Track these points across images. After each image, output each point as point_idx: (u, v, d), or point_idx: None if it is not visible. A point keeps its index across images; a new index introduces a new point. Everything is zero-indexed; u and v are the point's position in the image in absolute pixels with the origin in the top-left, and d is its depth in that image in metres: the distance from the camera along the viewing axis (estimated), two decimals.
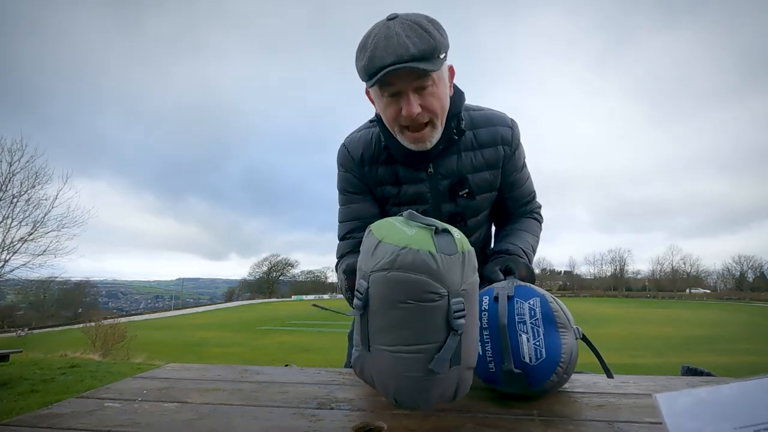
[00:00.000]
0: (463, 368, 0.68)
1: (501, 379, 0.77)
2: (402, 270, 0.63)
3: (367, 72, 0.88)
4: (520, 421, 0.68)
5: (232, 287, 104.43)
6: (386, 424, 0.67)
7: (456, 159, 1.04)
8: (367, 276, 0.67)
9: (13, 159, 12.87)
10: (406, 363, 0.65)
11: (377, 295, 0.66)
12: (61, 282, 26.26)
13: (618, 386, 0.86)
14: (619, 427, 0.65)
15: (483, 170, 1.06)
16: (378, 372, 0.70)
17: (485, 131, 1.06)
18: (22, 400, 4.77)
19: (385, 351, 0.67)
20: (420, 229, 0.67)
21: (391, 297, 0.64)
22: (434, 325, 0.64)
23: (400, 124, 0.95)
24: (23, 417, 0.74)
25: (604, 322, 30.22)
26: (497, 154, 1.06)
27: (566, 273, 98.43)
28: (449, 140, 1.02)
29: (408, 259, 0.63)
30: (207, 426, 0.69)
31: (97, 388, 0.90)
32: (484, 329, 0.79)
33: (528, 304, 0.79)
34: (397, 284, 0.63)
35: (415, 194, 1.06)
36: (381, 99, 0.94)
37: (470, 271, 0.68)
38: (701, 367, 1.29)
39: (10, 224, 12.75)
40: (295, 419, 0.71)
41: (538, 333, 0.77)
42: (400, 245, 0.64)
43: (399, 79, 0.88)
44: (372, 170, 1.08)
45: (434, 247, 0.64)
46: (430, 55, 0.86)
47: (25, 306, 38.90)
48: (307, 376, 0.99)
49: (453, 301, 0.63)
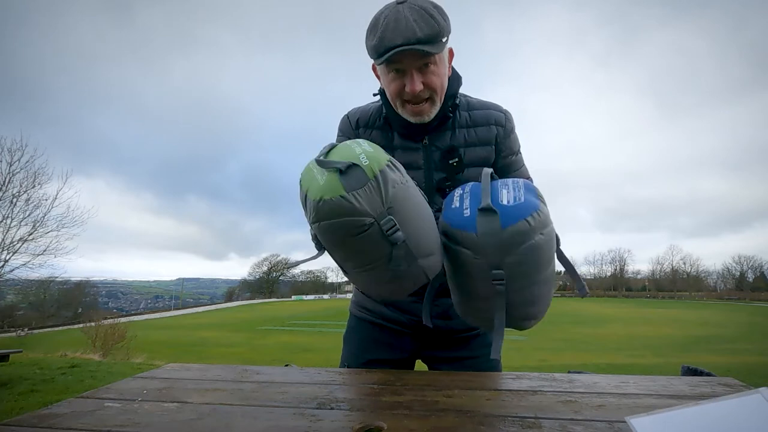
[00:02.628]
0: (421, 258, 0.79)
1: (474, 221, 0.78)
2: (326, 219, 0.72)
3: (377, 51, 0.96)
4: (520, 421, 0.68)
5: (232, 287, 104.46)
6: (386, 424, 0.67)
7: (450, 134, 1.12)
8: (310, 225, 0.78)
9: (12, 159, 12.87)
10: (374, 275, 0.79)
11: (324, 240, 0.77)
12: (61, 282, 26.26)
13: (618, 386, 0.86)
14: (619, 427, 0.65)
15: (476, 146, 1.12)
16: (362, 286, 0.88)
17: (479, 113, 1.14)
18: (22, 400, 4.77)
19: (357, 273, 0.82)
20: (329, 173, 0.73)
21: (332, 239, 0.75)
22: (375, 246, 0.74)
23: (402, 98, 1.03)
24: (23, 417, 0.74)
25: (604, 322, 30.20)
26: (490, 132, 1.12)
27: (566, 273, 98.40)
28: (444, 116, 1.10)
29: (326, 209, 0.71)
30: (207, 426, 0.69)
31: (97, 388, 0.90)
32: (463, 195, 0.84)
33: (511, 179, 0.84)
34: (329, 231, 0.73)
35: (408, 161, 1.10)
36: (387, 75, 1.02)
37: (389, 187, 0.74)
38: (701, 367, 1.29)
39: (9, 224, 12.75)
40: (295, 419, 0.71)
41: (518, 188, 0.80)
42: (316, 198, 0.72)
43: (405, 59, 0.96)
44: (366, 132, 1.16)
45: (343, 189, 0.71)
46: (434, 39, 0.94)
47: (25, 306, 38.88)
48: (307, 376, 0.99)
49: (381, 222, 0.72)
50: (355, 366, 1.20)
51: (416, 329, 1.18)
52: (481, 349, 1.18)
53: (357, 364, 1.20)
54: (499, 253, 0.77)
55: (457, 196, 0.87)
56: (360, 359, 1.20)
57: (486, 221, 0.77)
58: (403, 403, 0.78)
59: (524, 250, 0.76)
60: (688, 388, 0.86)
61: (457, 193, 0.88)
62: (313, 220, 0.74)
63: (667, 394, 0.81)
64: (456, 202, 0.85)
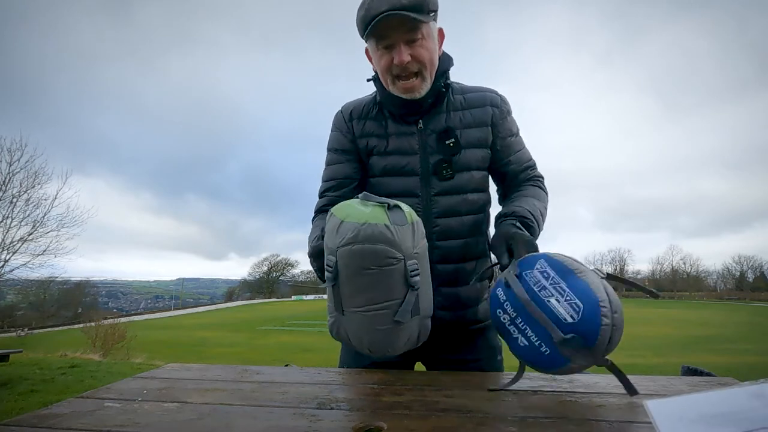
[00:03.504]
0: (422, 317, 0.83)
1: (560, 355, 0.73)
2: (364, 242, 0.74)
3: (364, 21, 0.99)
4: (520, 421, 0.68)
5: (232, 287, 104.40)
6: (386, 424, 0.67)
7: (445, 116, 1.11)
8: (335, 251, 0.77)
9: (12, 159, 12.87)
10: (376, 319, 0.78)
11: (345, 266, 0.76)
12: (61, 282, 26.24)
13: (618, 386, 0.86)
14: (619, 427, 0.65)
15: (472, 127, 1.12)
16: (352, 330, 0.81)
17: (474, 95, 1.14)
18: (22, 400, 4.77)
19: (357, 312, 0.79)
20: (375, 207, 0.79)
21: (357, 266, 0.75)
22: (395, 284, 0.76)
23: (392, 74, 1.04)
24: (23, 417, 0.74)
25: None
26: (485, 113, 1.12)
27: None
28: (438, 94, 1.09)
29: (368, 232, 0.74)
30: (207, 426, 0.69)
31: (97, 388, 0.90)
32: (515, 319, 0.79)
33: (536, 270, 0.78)
34: (361, 254, 0.74)
35: (402, 146, 1.12)
36: (376, 52, 1.05)
37: (419, 237, 0.81)
38: (701, 367, 1.29)
39: (9, 224, 12.75)
40: (295, 419, 0.71)
41: (562, 289, 0.74)
42: (360, 222, 0.75)
43: (392, 31, 0.99)
44: (359, 123, 1.17)
45: (388, 220, 0.76)
46: (420, 8, 0.97)
47: (25, 306, 38.85)
48: (307, 376, 0.98)
49: (408, 263, 0.76)
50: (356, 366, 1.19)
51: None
52: (486, 350, 1.16)
53: (355, 366, 1.18)
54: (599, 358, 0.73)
55: (506, 322, 0.81)
56: (359, 362, 1.17)
57: (571, 349, 0.71)
58: (403, 403, 0.78)
59: (612, 338, 0.72)
60: (688, 388, 0.86)
61: (503, 318, 0.82)
62: (348, 241, 0.75)
63: (667, 395, 0.81)
64: (516, 333, 0.79)
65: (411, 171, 1.10)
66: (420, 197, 1.09)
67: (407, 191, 1.10)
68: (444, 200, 1.09)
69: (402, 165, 1.11)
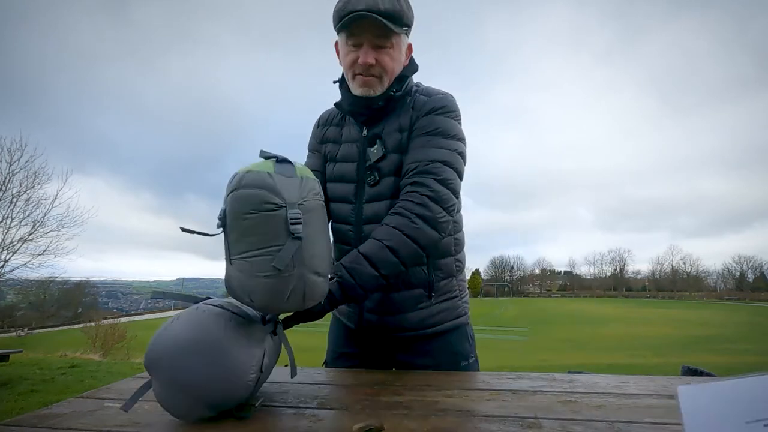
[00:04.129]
0: (308, 271, 0.79)
1: None
2: (244, 188, 0.75)
3: (340, 14, 1.02)
4: (520, 421, 0.68)
5: None
6: (386, 424, 0.67)
7: (384, 124, 1.12)
8: (225, 200, 0.79)
9: (12, 159, 12.86)
10: (257, 265, 0.76)
11: (229, 213, 0.77)
12: (61, 282, 26.19)
13: (618, 386, 0.86)
14: (619, 427, 0.65)
15: (396, 132, 1.10)
16: (238, 280, 0.79)
17: (417, 98, 1.13)
18: (22, 400, 4.77)
19: (241, 259, 0.78)
20: (265, 159, 0.82)
21: (239, 211, 0.76)
22: (276, 231, 0.76)
23: (354, 71, 1.07)
24: (23, 417, 0.74)
25: (604, 322, 30.20)
26: (407, 116, 1.11)
27: (566, 273, 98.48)
28: (389, 98, 1.10)
29: (249, 178, 0.76)
30: (207, 426, 0.69)
31: (97, 388, 0.90)
32: None
33: None
34: (242, 199, 0.75)
35: (347, 154, 1.16)
36: (345, 47, 1.08)
37: (308, 192, 0.81)
38: (701, 367, 1.29)
39: (9, 224, 12.72)
40: (295, 419, 0.71)
41: None
42: (244, 171, 0.78)
43: (363, 31, 1.02)
44: (323, 129, 1.24)
45: (272, 169, 0.78)
46: (396, 18, 1.01)
47: (25, 306, 38.83)
48: (307, 376, 0.99)
49: (290, 211, 0.76)
50: (331, 360, 1.22)
51: (360, 327, 1.14)
52: (446, 356, 1.10)
53: (332, 358, 1.22)
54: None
55: None
56: (333, 354, 1.22)
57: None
58: (403, 403, 0.78)
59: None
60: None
61: None
62: (232, 188, 0.77)
63: (667, 394, 0.81)
64: None
65: (349, 178, 1.14)
66: (353, 204, 1.12)
67: (344, 198, 1.14)
68: (371, 206, 1.10)
69: (343, 172, 1.15)
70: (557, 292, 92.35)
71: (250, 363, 0.74)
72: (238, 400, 0.74)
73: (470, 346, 1.16)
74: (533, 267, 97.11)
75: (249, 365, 0.73)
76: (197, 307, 0.79)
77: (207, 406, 0.71)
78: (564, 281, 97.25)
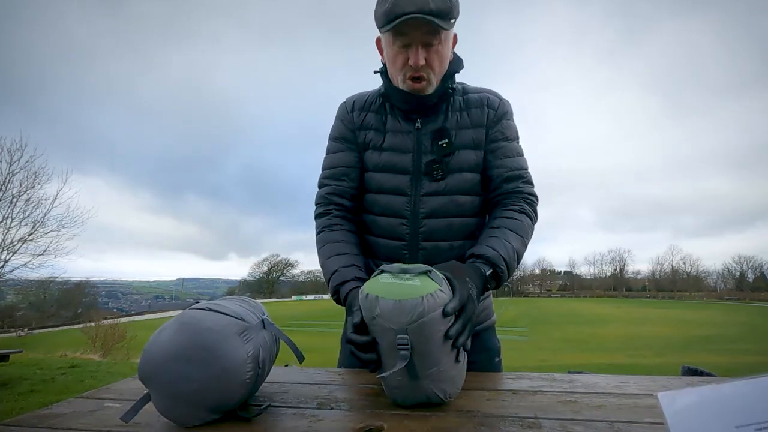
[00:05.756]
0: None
1: None
2: (429, 312, 0.71)
3: (388, 16, 0.97)
4: (520, 421, 0.68)
5: (232, 287, 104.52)
6: (386, 424, 0.67)
7: (443, 118, 1.11)
8: (404, 329, 0.72)
9: (12, 159, 12.86)
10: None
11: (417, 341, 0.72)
12: (61, 282, 26.19)
13: (618, 386, 0.86)
14: (619, 427, 0.65)
15: (467, 128, 1.11)
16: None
17: (473, 96, 1.14)
18: (22, 400, 4.78)
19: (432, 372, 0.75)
20: (420, 275, 0.75)
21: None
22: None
23: (404, 73, 1.04)
24: (23, 417, 0.74)
25: (604, 322, 30.19)
26: (482, 113, 1.12)
27: (566, 273, 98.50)
28: (442, 95, 1.10)
29: (431, 302, 0.71)
30: (207, 426, 0.69)
31: (97, 388, 0.90)
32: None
33: None
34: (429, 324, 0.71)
35: (397, 144, 1.12)
36: (391, 47, 1.03)
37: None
38: (701, 367, 1.30)
39: (9, 224, 12.73)
40: (295, 419, 0.71)
41: None
42: (421, 294, 0.72)
43: (413, 30, 0.98)
44: (360, 115, 1.17)
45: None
46: (446, 14, 0.96)
47: (25, 306, 38.85)
48: (307, 376, 0.99)
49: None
50: (347, 362, 1.18)
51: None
52: (482, 352, 1.12)
53: (353, 367, 1.17)
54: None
55: None
56: (355, 363, 1.17)
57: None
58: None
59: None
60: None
61: None
62: (417, 317, 0.71)
63: None
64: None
65: (403, 169, 1.10)
66: (409, 196, 1.09)
67: (397, 189, 1.10)
68: (432, 201, 1.09)
69: (394, 162, 1.11)
70: (557, 292, 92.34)
71: (244, 360, 0.73)
72: (239, 399, 0.73)
73: (499, 343, 1.20)
74: (533, 267, 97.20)
75: (243, 362, 0.73)
76: (182, 314, 0.78)
77: (208, 410, 0.71)
78: (564, 281, 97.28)
